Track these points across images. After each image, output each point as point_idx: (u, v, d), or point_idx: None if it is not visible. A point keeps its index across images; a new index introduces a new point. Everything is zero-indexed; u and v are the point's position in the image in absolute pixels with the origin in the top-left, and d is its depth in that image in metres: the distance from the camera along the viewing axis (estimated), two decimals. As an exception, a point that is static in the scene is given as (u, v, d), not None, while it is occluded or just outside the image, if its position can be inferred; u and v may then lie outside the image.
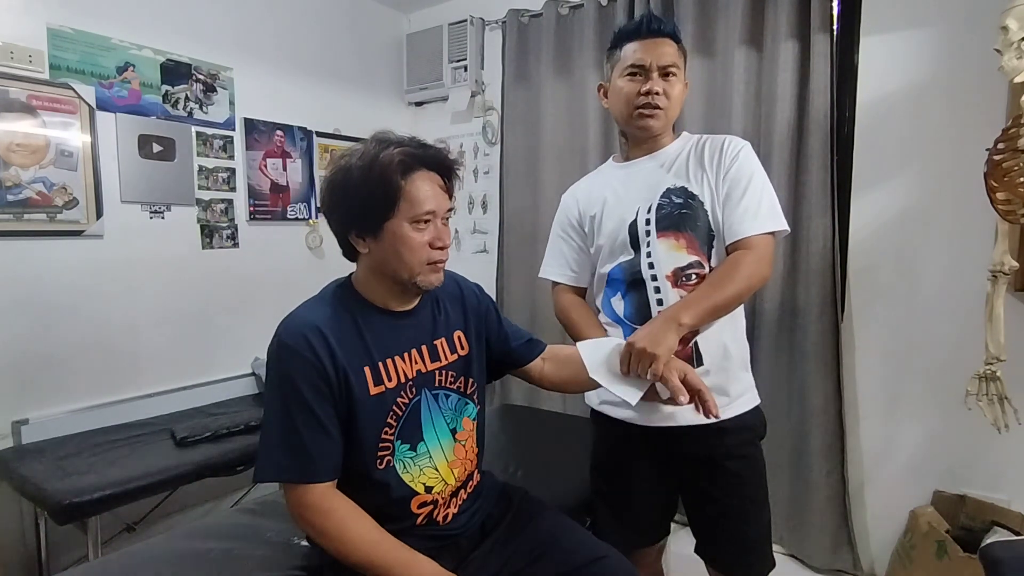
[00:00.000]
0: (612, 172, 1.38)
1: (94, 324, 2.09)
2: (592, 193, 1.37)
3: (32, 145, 1.92)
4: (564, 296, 1.42)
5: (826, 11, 1.97)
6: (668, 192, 1.25)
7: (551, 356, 1.30)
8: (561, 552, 1.10)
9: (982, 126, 1.61)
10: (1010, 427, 1.50)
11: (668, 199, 1.25)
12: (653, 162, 1.30)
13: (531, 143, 2.69)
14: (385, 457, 1.03)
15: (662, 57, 1.23)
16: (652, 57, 1.22)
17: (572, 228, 1.40)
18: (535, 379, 1.30)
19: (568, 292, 1.42)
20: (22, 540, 1.94)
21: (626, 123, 1.29)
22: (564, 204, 1.44)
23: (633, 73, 1.24)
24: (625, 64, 1.25)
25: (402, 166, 0.98)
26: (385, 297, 1.07)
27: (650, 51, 1.23)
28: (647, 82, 1.23)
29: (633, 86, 1.24)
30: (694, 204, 1.23)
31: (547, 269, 1.46)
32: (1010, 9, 1.36)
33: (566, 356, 1.27)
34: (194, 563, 1.16)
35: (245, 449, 1.91)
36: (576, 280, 1.41)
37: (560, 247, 1.43)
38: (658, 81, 1.23)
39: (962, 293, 1.83)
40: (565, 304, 1.41)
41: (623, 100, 1.26)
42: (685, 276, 1.22)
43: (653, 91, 1.22)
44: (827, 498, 2.05)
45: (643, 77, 1.23)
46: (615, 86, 1.28)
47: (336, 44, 2.87)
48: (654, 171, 1.29)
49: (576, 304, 1.40)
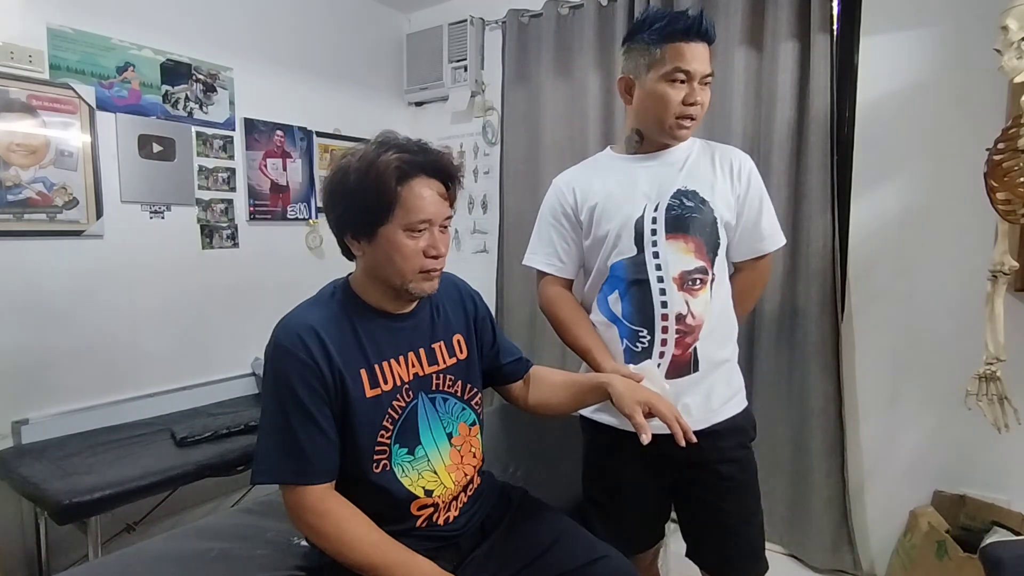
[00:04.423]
0: (614, 164, 1.32)
1: (94, 324, 2.09)
2: (592, 183, 1.30)
3: (32, 145, 1.92)
4: (550, 288, 1.35)
5: (826, 11, 1.97)
6: (679, 193, 1.22)
7: (532, 377, 1.29)
8: (561, 552, 1.10)
9: (982, 126, 1.61)
10: (1010, 427, 1.50)
11: (679, 200, 1.22)
12: (662, 160, 1.26)
13: (531, 143, 2.69)
14: (381, 460, 1.03)
15: (706, 65, 1.17)
16: (700, 65, 1.16)
17: (565, 216, 1.32)
18: (513, 398, 1.30)
19: (555, 284, 1.35)
20: (22, 540, 1.94)
21: (659, 128, 1.22)
22: (557, 190, 1.35)
23: (677, 79, 1.16)
24: (668, 67, 1.16)
25: (399, 172, 0.97)
26: (381, 300, 1.07)
27: (699, 58, 1.16)
28: (692, 92, 1.16)
29: (676, 94, 1.16)
30: (704, 209, 1.22)
31: (533, 257, 1.38)
32: (1010, 9, 1.36)
33: (545, 379, 1.28)
34: (194, 563, 1.16)
35: (245, 449, 1.91)
36: (563, 271, 1.35)
37: (550, 235, 1.34)
38: (699, 90, 1.17)
39: (962, 293, 1.83)
40: (552, 297, 1.34)
41: (663, 106, 1.18)
42: (691, 280, 1.21)
43: (697, 102, 1.17)
44: (827, 498, 2.05)
45: (686, 85, 1.16)
46: (651, 88, 1.19)
47: (336, 44, 2.87)
48: (663, 169, 1.25)
49: (564, 299, 1.35)
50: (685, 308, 1.21)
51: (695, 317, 1.21)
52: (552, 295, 1.35)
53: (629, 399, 1.08)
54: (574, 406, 1.25)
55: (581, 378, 1.23)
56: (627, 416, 1.07)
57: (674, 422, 1.06)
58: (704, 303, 1.22)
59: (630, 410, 1.06)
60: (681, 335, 1.21)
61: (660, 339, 1.21)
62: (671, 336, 1.21)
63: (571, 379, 1.25)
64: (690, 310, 1.21)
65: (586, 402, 1.24)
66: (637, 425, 1.05)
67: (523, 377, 1.29)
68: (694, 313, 1.21)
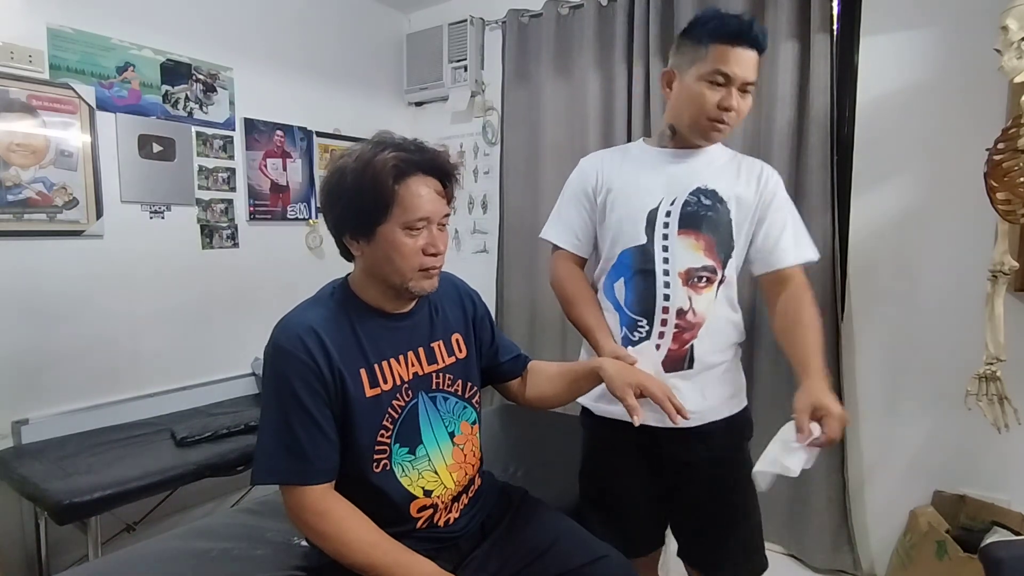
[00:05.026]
0: (642, 155, 1.31)
1: (94, 324, 2.09)
2: (616, 168, 1.30)
3: (32, 145, 1.92)
4: (563, 264, 1.35)
5: (826, 11, 1.97)
6: (698, 191, 1.22)
7: (528, 372, 1.30)
8: (561, 552, 1.10)
9: (982, 126, 1.61)
10: (1010, 427, 1.50)
11: (696, 198, 1.22)
12: (689, 159, 1.26)
13: (531, 143, 2.69)
14: (382, 460, 1.03)
15: (750, 73, 1.15)
16: (741, 71, 1.14)
17: (586, 195, 1.32)
18: (511, 394, 1.30)
19: (568, 260, 1.35)
20: (22, 540, 1.94)
21: (691, 127, 1.21)
22: (583, 169, 1.36)
23: (716, 82, 1.15)
24: (710, 68, 1.14)
25: (395, 170, 0.97)
26: (380, 299, 1.07)
27: (742, 64, 1.14)
28: (728, 96, 1.15)
29: (713, 95, 1.15)
30: (721, 209, 1.22)
31: (550, 231, 1.38)
32: (1010, 9, 1.36)
33: (541, 372, 1.28)
34: (194, 563, 1.16)
35: (245, 449, 1.91)
36: (578, 248, 1.34)
37: (569, 212, 1.34)
38: (736, 96, 1.15)
39: (962, 293, 1.83)
40: (563, 274, 1.34)
41: (696, 106, 1.17)
42: (696, 277, 1.21)
43: (731, 108, 1.15)
44: (827, 498, 2.05)
45: (724, 88, 1.15)
46: (689, 86, 1.18)
47: (336, 44, 2.87)
48: (688, 167, 1.24)
49: (574, 275, 1.34)
50: (687, 304, 1.21)
51: (696, 314, 1.21)
52: (563, 271, 1.35)
53: (620, 382, 1.08)
54: (570, 395, 1.25)
55: (575, 365, 1.24)
56: (619, 398, 1.07)
57: (666, 401, 1.06)
58: (707, 302, 1.22)
59: (621, 392, 1.07)
60: (680, 330, 1.21)
61: (658, 331, 1.22)
62: (669, 330, 1.21)
63: (565, 368, 1.26)
64: (692, 307, 1.21)
65: (581, 389, 1.23)
66: (629, 407, 1.05)
67: (521, 374, 1.29)
68: (696, 310, 1.21)
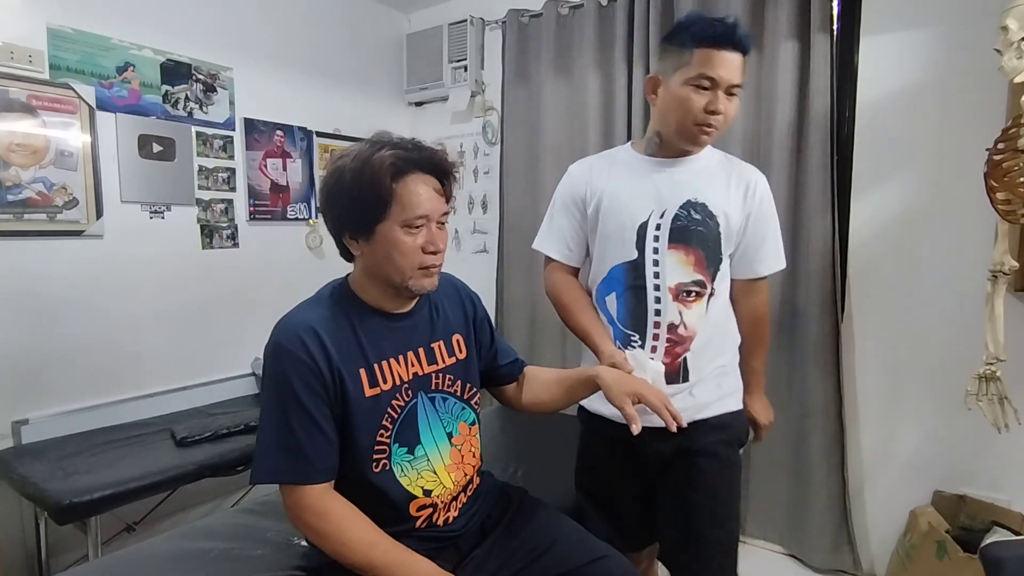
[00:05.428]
0: (630, 162, 1.30)
1: (94, 324, 2.09)
2: (605, 178, 1.29)
3: (32, 145, 1.92)
4: (556, 274, 1.37)
5: (826, 11, 1.97)
6: (688, 204, 1.22)
7: (524, 377, 1.30)
8: (561, 552, 1.10)
9: (982, 126, 1.60)
10: (1010, 427, 1.50)
11: (687, 212, 1.21)
12: (677, 167, 1.25)
13: (531, 143, 2.69)
14: (381, 460, 1.03)
15: (735, 75, 1.15)
16: (727, 74, 1.13)
17: (576, 205, 1.32)
18: (507, 399, 1.31)
19: (561, 270, 1.36)
20: (22, 540, 1.94)
21: (679, 133, 1.20)
22: (573, 177, 1.35)
23: (702, 86, 1.14)
24: (695, 72, 1.14)
25: (393, 169, 0.98)
26: (380, 299, 1.07)
27: (727, 66, 1.13)
28: (715, 100, 1.14)
29: (699, 100, 1.14)
30: (711, 224, 1.22)
31: (543, 243, 1.38)
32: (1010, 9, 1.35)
33: (537, 377, 1.29)
34: (194, 563, 1.16)
35: (245, 449, 1.91)
36: (570, 259, 1.36)
37: (560, 221, 1.35)
38: (723, 100, 1.15)
39: (962, 293, 1.83)
40: (557, 282, 1.36)
41: (683, 111, 1.16)
42: (686, 292, 1.22)
43: (719, 111, 1.15)
44: (827, 498, 2.05)
45: (710, 92, 1.14)
46: (674, 92, 1.17)
47: (336, 44, 2.86)
48: (677, 177, 1.24)
49: (569, 284, 1.35)
50: (678, 318, 1.21)
51: (687, 328, 1.22)
52: (557, 280, 1.36)
53: (618, 391, 1.09)
54: (566, 401, 1.26)
55: (571, 373, 1.24)
56: (617, 407, 1.08)
57: (663, 409, 1.07)
58: (698, 316, 1.23)
59: (619, 401, 1.08)
60: (672, 344, 1.22)
61: (651, 346, 1.23)
62: (661, 344, 1.22)
63: (562, 375, 1.26)
64: (683, 321, 1.22)
65: (577, 396, 1.24)
66: (627, 416, 1.06)
67: (517, 378, 1.29)
68: (687, 324, 1.22)
